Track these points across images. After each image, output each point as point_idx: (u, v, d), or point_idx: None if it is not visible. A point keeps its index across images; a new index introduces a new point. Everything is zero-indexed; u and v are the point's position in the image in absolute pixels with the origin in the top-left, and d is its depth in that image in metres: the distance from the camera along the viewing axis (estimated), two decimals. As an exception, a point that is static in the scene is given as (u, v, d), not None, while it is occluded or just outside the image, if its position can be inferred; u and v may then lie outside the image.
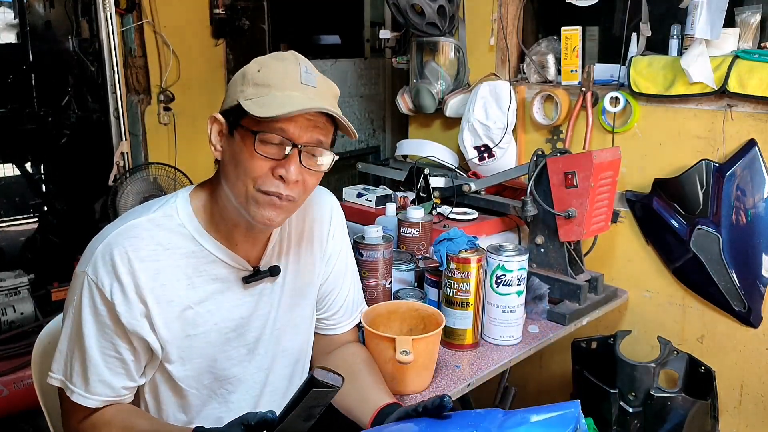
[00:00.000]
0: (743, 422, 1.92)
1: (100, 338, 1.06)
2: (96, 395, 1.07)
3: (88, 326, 1.06)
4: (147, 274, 1.06)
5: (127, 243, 1.05)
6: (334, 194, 1.35)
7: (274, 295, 1.21)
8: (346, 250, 1.34)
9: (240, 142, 1.04)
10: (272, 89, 1.02)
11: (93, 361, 1.06)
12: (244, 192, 1.05)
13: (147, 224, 1.08)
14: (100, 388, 1.07)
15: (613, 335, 1.96)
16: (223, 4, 3.10)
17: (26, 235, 4.34)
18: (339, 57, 3.35)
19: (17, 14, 4.34)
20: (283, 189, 1.04)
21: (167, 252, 1.08)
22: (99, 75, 2.99)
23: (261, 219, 1.06)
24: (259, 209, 1.05)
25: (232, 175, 1.05)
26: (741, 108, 1.78)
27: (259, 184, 1.04)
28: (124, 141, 2.73)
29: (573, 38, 2.08)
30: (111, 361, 1.07)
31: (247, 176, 1.04)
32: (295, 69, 1.05)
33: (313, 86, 1.05)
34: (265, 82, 1.03)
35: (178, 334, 1.10)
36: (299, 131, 1.03)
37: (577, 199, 1.72)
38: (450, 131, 2.45)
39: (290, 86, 1.03)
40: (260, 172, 1.03)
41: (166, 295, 1.08)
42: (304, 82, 1.04)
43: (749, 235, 1.79)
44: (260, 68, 1.05)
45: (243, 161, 1.03)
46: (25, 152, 4.32)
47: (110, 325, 1.06)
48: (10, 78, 4.18)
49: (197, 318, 1.11)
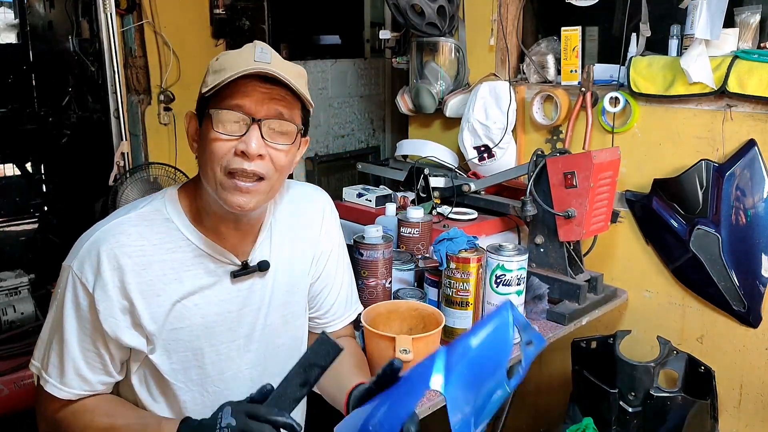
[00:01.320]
0: (743, 422, 1.92)
1: (80, 332, 1.07)
2: (71, 388, 1.09)
3: (69, 320, 1.07)
4: (134, 269, 1.07)
5: (113, 240, 1.07)
6: (333, 194, 1.35)
7: (265, 291, 1.21)
8: (338, 249, 1.34)
9: (205, 129, 1.06)
10: (227, 71, 1.04)
11: (71, 355, 1.08)
12: (213, 178, 1.06)
13: (135, 219, 1.10)
14: (77, 381, 1.09)
15: (612, 335, 1.96)
16: (223, 5, 3.10)
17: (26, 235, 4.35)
18: (339, 57, 3.35)
19: (17, 14, 4.34)
20: (246, 164, 1.04)
21: (154, 247, 1.09)
22: (99, 75, 3.00)
23: (232, 205, 1.06)
24: (227, 194, 1.05)
25: (204, 164, 1.07)
26: (740, 108, 1.78)
27: (224, 166, 1.04)
28: (125, 141, 2.74)
29: (573, 38, 2.08)
30: (89, 355, 1.09)
31: (213, 160, 1.05)
32: (249, 50, 1.06)
33: (267, 62, 1.05)
34: (221, 67, 1.05)
35: (164, 327, 1.11)
36: (255, 105, 1.04)
37: (577, 199, 1.72)
38: (450, 131, 2.45)
39: (243, 65, 1.03)
40: (223, 152, 1.04)
41: (154, 290, 1.09)
42: (258, 59, 1.04)
43: (749, 235, 1.79)
44: (219, 57, 1.08)
45: (207, 146, 1.05)
46: (25, 152, 4.33)
47: (90, 320, 1.07)
48: (11, 78, 4.19)
49: (184, 311, 1.12)
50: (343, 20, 3.68)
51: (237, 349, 1.19)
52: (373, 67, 3.48)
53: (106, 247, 1.06)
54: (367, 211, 2.11)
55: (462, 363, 0.89)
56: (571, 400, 2.06)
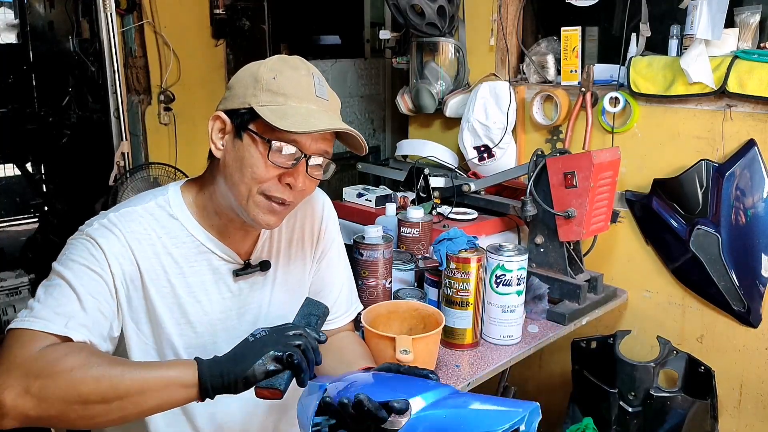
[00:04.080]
0: (743, 422, 1.92)
1: (88, 282, 1.00)
2: (82, 328, 0.96)
3: (74, 271, 0.99)
4: (143, 255, 1.07)
5: (123, 224, 1.07)
6: (334, 194, 1.35)
7: (266, 290, 1.22)
8: (337, 248, 1.35)
9: (250, 145, 1.05)
10: (288, 99, 1.04)
11: (81, 300, 0.97)
12: (246, 194, 1.06)
13: (142, 212, 1.10)
14: (83, 329, 0.96)
15: (612, 335, 1.96)
16: (223, 5, 3.10)
17: (27, 235, 4.36)
18: (339, 57, 3.35)
19: (18, 14, 4.35)
20: (288, 195, 1.07)
21: (161, 240, 1.10)
22: (99, 75, 3.00)
23: (261, 221, 1.08)
24: (259, 212, 1.07)
25: (236, 176, 1.06)
26: (740, 108, 1.78)
27: (264, 189, 1.06)
28: (125, 141, 2.74)
29: (573, 38, 2.08)
30: (97, 314, 0.99)
31: (253, 180, 1.05)
32: (309, 81, 1.07)
33: (326, 99, 1.08)
34: (280, 90, 1.04)
35: (168, 322, 1.11)
36: (311, 143, 1.05)
37: (577, 199, 1.72)
38: (450, 131, 2.45)
39: (306, 98, 1.05)
40: (269, 178, 1.05)
41: (159, 281, 1.09)
42: (319, 95, 1.07)
43: (748, 235, 1.79)
44: (275, 75, 1.05)
45: (252, 165, 1.05)
46: (25, 152, 4.32)
47: (100, 273, 1.01)
48: (11, 78, 4.19)
49: (187, 307, 1.12)
50: (343, 20, 3.68)
51: None
52: (373, 67, 3.48)
53: (116, 229, 1.05)
54: (367, 211, 2.11)
55: (449, 410, 0.86)
56: (571, 400, 2.06)
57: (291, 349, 0.91)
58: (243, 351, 0.93)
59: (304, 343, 0.93)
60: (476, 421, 0.84)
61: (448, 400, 0.89)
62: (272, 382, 0.91)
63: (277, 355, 0.91)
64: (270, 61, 1.08)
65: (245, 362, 0.91)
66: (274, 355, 0.91)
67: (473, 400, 0.90)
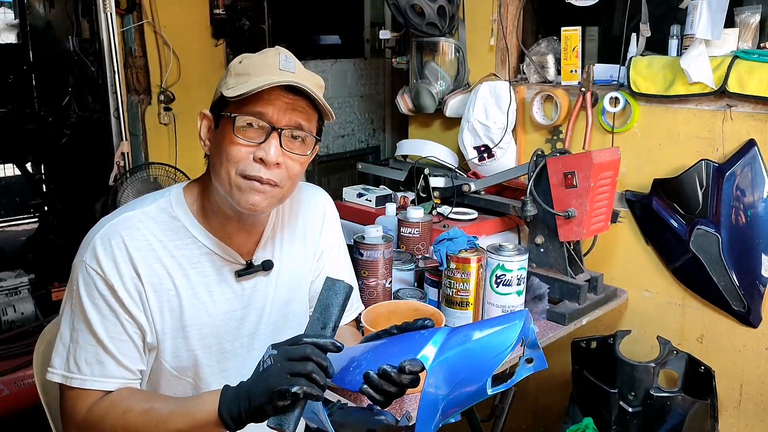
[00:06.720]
0: (743, 422, 1.92)
1: (107, 324, 1.06)
2: (114, 378, 1.07)
3: (92, 315, 1.06)
4: (144, 262, 1.08)
5: (123, 232, 1.07)
6: (334, 194, 1.36)
7: (268, 290, 1.22)
8: (338, 247, 1.36)
9: (222, 131, 1.07)
10: (251, 76, 1.05)
11: (105, 347, 1.06)
12: (227, 179, 1.06)
13: (141, 216, 1.11)
14: (118, 370, 1.07)
15: (612, 335, 1.96)
16: (223, 5, 3.09)
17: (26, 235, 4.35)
18: (339, 57, 3.35)
19: (17, 14, 4.34)
20: (263, 172, 1.06)
21: (161, 243, 1.10)
22: (99, 75, 2.99)
23: (245, 204, 1.07)
24: (242, 195, 1.06)
25: (217, 164, 1.08)
26: (740, 108, 1.78)
27: (240, 170, 1.06)
28: (125, 141, 2.73)
29: (573, 38, 2.08)
30: (123, 345, 1.08)
31: (229, 162, 1.06)
32: (275, 59, 1.07)
33: (292, 72, 1.07)
34: (245, 71, 1.06)
35: (171, 325, 1.11)
36: (278, 114, 1.05)
37: (577, 199, 1.72)
38: (450, 131, 2.45)
39: (268, 72, 1.05)
40: (241, 156, 1.05)
41: (163, 285, 1.10)
42: (283, 68, 1.06)
43: (749, 235, 1.79)
44: (242, 60, 1.09)
45: (225, 148, 1.06)
46: (25, 152, 4.31)
47: (115, 308, 1.06)
48: (11, 78, 4.19)
49: (191, 309, 1.13)
50: (343, 20, 3.68)
51: (241, 347, 1.20)
52: (373, 67, 3.49)
53: (116, 240, 1.07)
54: (367, 211, 2.11)
55: (457, 349, 0.90)
56: (571, 400, 2.06)
57: (296, 382, 0.90)
58: (253, 385, 0.94)
59: (312, 367, 0.91)
60: (486, 349, 0.90)
61: (451, 340, 0.92)
62: (281, 422, 0.91)
63: (281, 391, 0.90)
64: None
65: (255, 399, 0.93)
66: (279, 392, 0.90)
67: (472, 331, 0.93)
